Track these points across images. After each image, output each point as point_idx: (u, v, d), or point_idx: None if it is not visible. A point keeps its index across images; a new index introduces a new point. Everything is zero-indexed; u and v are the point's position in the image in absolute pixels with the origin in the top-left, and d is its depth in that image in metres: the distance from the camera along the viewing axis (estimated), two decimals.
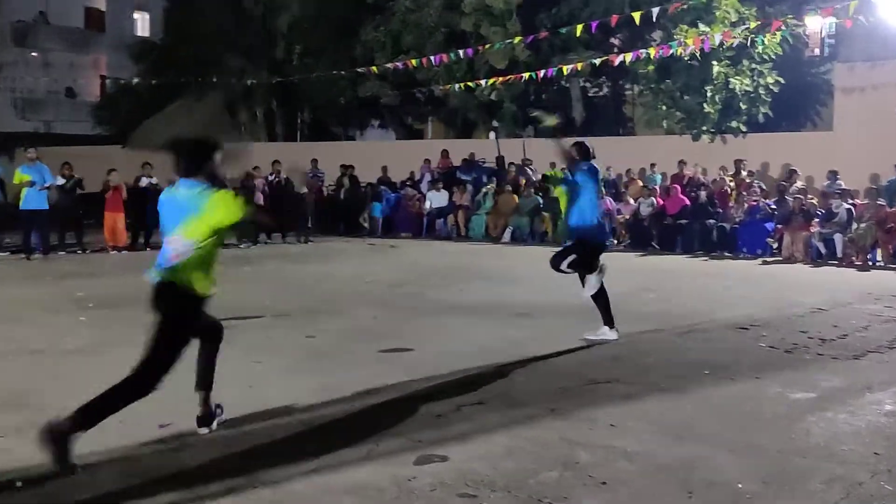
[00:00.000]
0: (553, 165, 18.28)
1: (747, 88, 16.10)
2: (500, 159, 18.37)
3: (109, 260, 12.83)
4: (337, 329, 7.01)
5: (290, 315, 7.67)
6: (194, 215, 3.85)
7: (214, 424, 4.19)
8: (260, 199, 15.03)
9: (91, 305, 8.12)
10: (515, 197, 16.79)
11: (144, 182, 14.53)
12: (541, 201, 16.46)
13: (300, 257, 13.16)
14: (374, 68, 19.50)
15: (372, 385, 5.17)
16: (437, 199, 17.41)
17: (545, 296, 9.00)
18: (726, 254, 13.60)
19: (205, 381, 4.17)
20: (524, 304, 8.41)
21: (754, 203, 13.98)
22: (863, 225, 12.57)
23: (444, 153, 19.65)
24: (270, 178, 16.61)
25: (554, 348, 6.31)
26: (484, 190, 17.34)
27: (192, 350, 3.99)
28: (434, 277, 10.56)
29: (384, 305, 8.33)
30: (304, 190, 16.56)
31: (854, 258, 12.40)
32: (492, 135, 20.00)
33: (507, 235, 16.31)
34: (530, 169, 18.20)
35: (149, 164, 14.55)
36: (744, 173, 15.43)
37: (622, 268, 12.09)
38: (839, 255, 12.59)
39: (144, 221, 13.82)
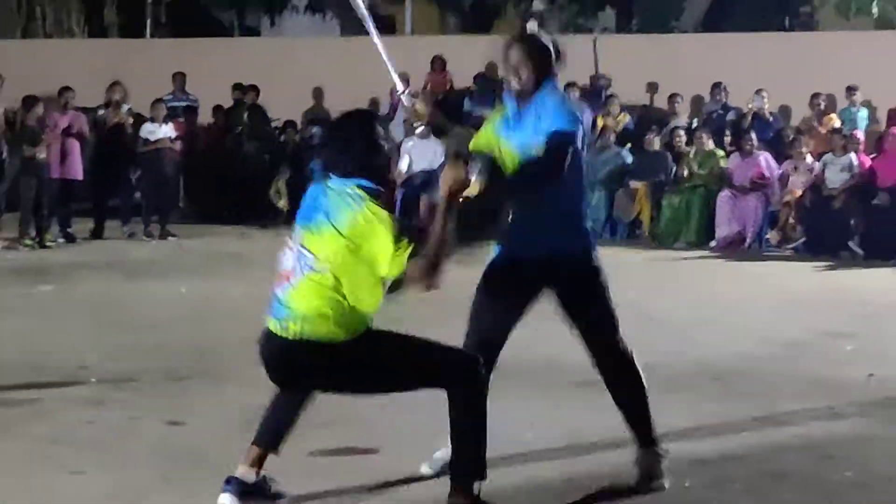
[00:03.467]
0: (654, 88, 18.34)
1: None
2: None
3: None
4: (224, 410, 7.06)
5: (134, 381, 7.76)
6: (329, 221, 4.92)
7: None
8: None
9: None
10: None
11: None
12: (629, 159, 16.45)
13: (151, 267, 13.31)
14: None
15: None
16: (421, 153, 17.40)
17: (634, 347, 8.93)
18: None
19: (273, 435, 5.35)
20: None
21: None
22: None
23: (438, 63, 19.66)
24: (101, 113, 16.63)
25: None
26: None
27: None
28: (419, 307, 10.51)
29: None
30: (167, 133, 16.57)
31: None
32: (531, 27, 19.99)
33: None
34: (608, 92, 18.35)
35: None
36: None
37: (790, 291, 12.09)
38: None
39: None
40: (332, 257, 4.88)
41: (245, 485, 5.20)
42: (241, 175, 17.85)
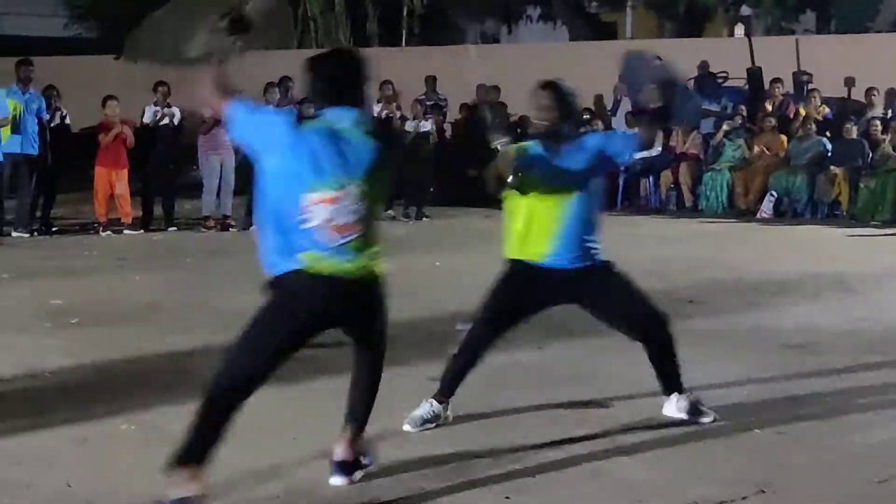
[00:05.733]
0: (851, 82, 17.74)
1: None
2: (753, 73, 17.94)
3: (103, 245, 13.32)
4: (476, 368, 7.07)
5: (397, 341, 7.75)
6: (372, 167, 4.65)
7: (357, 475, 5.01)
8: None
9: (74, 321, 8.46)
10: (783, 139, 16.43)
11: (153, 115, 14.70)
12: (828, 146, 16.04)
13: (409, 244, 13.37)
14: None
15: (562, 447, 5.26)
16: None
17: (835, 314, 8.89)
18: None
19: (356, 413, 5.06)
20: (799, 327, 8.41)
21: None
22: None
23: None
24: (376, 110, 16.95)
25: (863, 409, 6.20)
26: (725, 127, 17.02)
27: None
28: (639, 279, 10.41)
29: (553, 327, 8.29)
30: (426, 128, 16.78)
31: None
32: (739, 30, 19.57)
33: (766, 207, 16.14)
34: (810, 86, 17.87)
35: (163, 86, 14.95)
36: None
37: None
38: None
39: (161, 182, 14.28)
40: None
41: (346, 464, 5.01)
42: (485, 162, 17.90)
